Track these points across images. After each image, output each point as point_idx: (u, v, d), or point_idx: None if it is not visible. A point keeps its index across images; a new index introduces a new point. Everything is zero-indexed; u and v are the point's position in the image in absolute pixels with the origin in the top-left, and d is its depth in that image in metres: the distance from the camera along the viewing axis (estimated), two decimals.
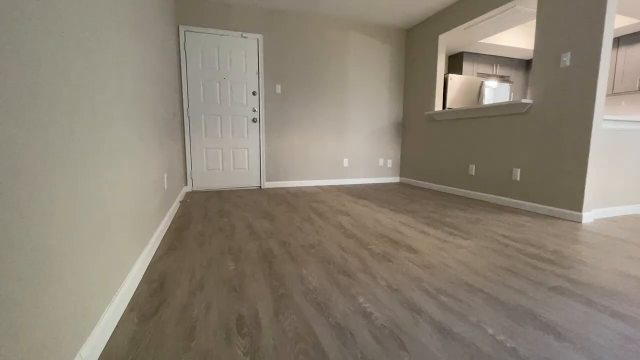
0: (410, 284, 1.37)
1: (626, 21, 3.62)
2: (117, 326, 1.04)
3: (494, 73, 4.91)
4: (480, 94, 4.61)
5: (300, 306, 1.18)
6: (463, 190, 3.62)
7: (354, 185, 4.39)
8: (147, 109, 1.74)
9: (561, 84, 2.57)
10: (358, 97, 4.46)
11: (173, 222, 2.39)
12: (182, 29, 3.57)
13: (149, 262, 1.59)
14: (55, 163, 0.73)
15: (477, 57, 4.81)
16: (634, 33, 3.81)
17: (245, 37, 3.84)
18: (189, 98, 3.71)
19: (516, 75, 5.15)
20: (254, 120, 3.99)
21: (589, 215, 2.48)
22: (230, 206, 2.96)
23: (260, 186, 4.13)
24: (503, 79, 4.95)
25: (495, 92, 5.11)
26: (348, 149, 4.53)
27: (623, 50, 3.92)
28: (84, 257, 0.86)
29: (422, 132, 4.30)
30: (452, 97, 4.45)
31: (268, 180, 4.15)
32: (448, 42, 4.37)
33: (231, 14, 3.75)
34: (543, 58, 2.71)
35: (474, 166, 3.47)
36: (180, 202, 3.08)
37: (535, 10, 3.30)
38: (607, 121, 2.47)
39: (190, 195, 3.56)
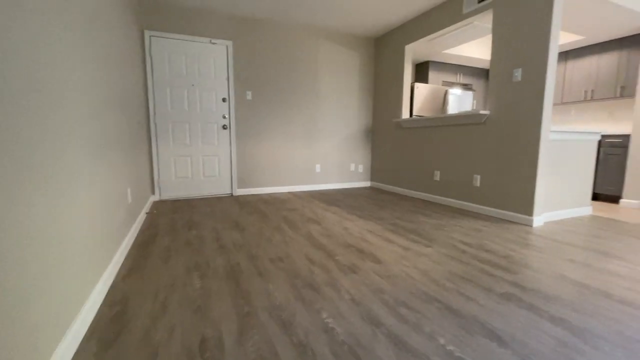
0: (372, 296, 1.43)
1: (572, 37, 3.94)
2: (74, 357, 1.02)
3: (458, 81, 5.16)
4: (445, 101, 4.82)
5: (264, 325, 1.20)
6: (429, 195, 3.78)
7: (326, 191, 4.46)
8: (107, 122, 1.70)
9: (514, 98, 2.77)
10: (329, 103, 4.53)
11: (138, 236, 2.32)
12: (147, 34, 3.47)
13: (111, 282, 1.55)
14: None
15: (443, 66, 5.03)
16: (579, 48, 4.15)
17: (214, 44, 3.79)
18: (156, 105, 3.61)
19: (478, 84, 5.44)
20: (224, 127, 3.94)
21: (539, 219, 2.69)
22: (199, 216, 2.91)
23: (232, 193, 4.10)
24: (466, 87, 5.21)
25: (460, 99, 5.36)
26: (320, 155, 4.59)
27: (571, 64, 4.26)
28: (37, 285, 0.84)
29: (391, 138, 4.44)
30: (419, 104, 4.63)
31: (240, 187, 4.12)
32: (415, 51, 4.54)
33: (199, 20, 3.69)
34: (498, 73, 2.90)
35: (438, 172, 3.64)
36: (146, 213, 3.00)
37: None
38: (554, 132, 2.69)
39: (157, 205, 3.46)
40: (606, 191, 3.71)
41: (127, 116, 2.34)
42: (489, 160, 3.02)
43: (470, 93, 5.20)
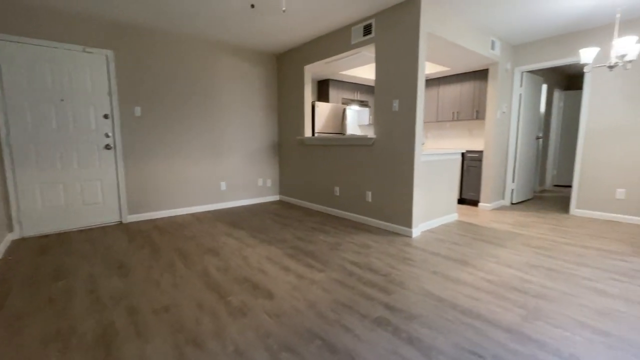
0: (257, 342, 1.46)
1: (442, 68, 4.67)
2: None
3: (356, 98, 5.60)
4: (344, 118, 5.18)
5: None
6: (331, 209, 4.02)
7: (233, 209, 4.33)
8: None
9: (393, 125, 3.14)
10: (233, 118, 4.42)
11: None
12: None
13: None
14: None
15: (342, 84, 5.39)
16: (448, 76, 4.96)
17: (89, 52, 3.31)
18: (10, 124, 2.97)
19: (373, 101, 6.00)
20: (107, 147, 3.48)
21: (417, 230, 3.12)
22: (73, 258, 2.51)
23: (122, 221, 3.65)
24: (363, 103, 5.69)
25: (359, 114, 5.84)
26: (225, 172, 4.43)
27: (442, 89, 5.05)
28: None
29: (296, 154, 4.57)
30: (321, 122, 4.87)
31: (132, 212, 3.70)
32: (315, 70, 4.75)
33: (67, 24, 3.17)
34: (381, 103, 3.26)
35: (338, 188, 3.90)
36: None
37: None
38: (424, 155, 3.15)
39: (17, 245, 2.86)
40: (469, 197, 4.52)
41: None
42: (377, 178, 3.37)
43: (367, 109, 5.69)
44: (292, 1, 2.91)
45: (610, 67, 2.73)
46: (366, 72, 5.08)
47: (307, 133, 4.40)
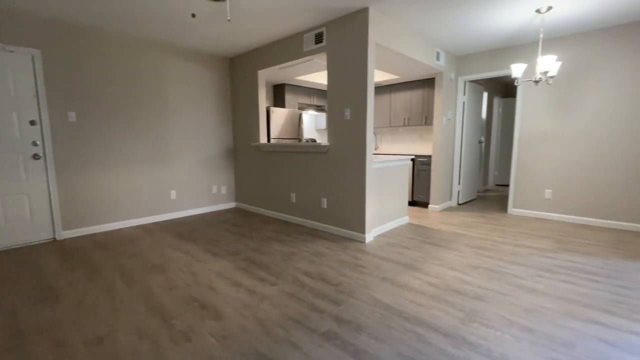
0: None
1: (392, 76, 4.85)
2: None
3: (312, 103, 5.62)
4: (300, 123, 5.18)
5: None
6: (288, 216, 4.00)
7: (185, 219, 4.13)
8: None
9: (346, 132, 3.20)
10: (183, 123, 4.21)
11: None
12: None
13: None
14: None
15: (298, 89, 5.38)
16: (399, 83, 5.15)
17: (10, 52, 2.96)
18: None
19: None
20: (35, 157, 3.14)
21: (370, 235, 3.20)
22: None
23: (55, 237, 3.31)
24: (320, 108, 5.73)
25: (317, 118, 5.86)
26: (176, 179, 4.21)
27: (394, 95, 5.25)
28: None
29: (252, 159, 4.47)
30: (277, 127, 4.82)
31: (68, 228, 3.37)
32: (270, 75, 4.69)
33: None
34: (334, 111, 3.30)
35: (295, 194, 3.88)
36: None
37: None
38: (376, 162, 3.25)
39: None
40: (420, 199, 4.74)
41: None
42: (332, 185, 3.41)
43: (323, 114, 5.74)
44: (241, 8, 2.84)
45: (536, 82, 3.02)
46: (322, 78, 5.12)
47: (263, 139, 4.33)
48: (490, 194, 5.94)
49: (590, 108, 3.61)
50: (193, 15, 1.70)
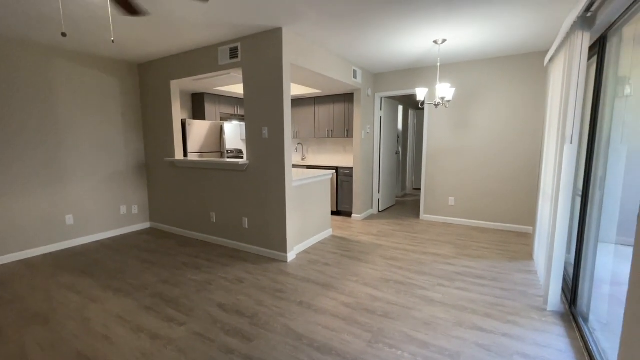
0: None
1: (315, 90, 4.94)
2: None
3: (235, 113, 5.43)
4: (222, 135, 4.96)
5: None
6: (207, 236, 3.79)
7: (86, 247, 3.62)
8: None
9: (265, 151, 3.15)
10: (82, 137, 3.68)
11: None
12: None
13: None
14: None
15: (219, 99, 5.14)
16: (323, 96, 5.28)
17: None
18: None
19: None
20: None
21: (292, 253, 3.21)
22: None
23: None
24: (244, 118, 5.56)
25: (242, 128, 5.67)
26: (73, 201, 3.66)
27: (317, 108, 5.36)
28: None
29: (166, 176, 4.13)
30: (195, 141, 4.54)
31: None
32: (187, 84, 4.39)
33: None
34: (252, 129, 3.22)
35: (214, 214, 3.69)
36: None
37: None
38: (296, 180, 3.26)
39: None
40: (344, 209, 4.93)
41: None
42: (252, 204, 3.32)
43: None
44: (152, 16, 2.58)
45: (436, 105, 3.37)
46: (242, 89, 4.97)
47: (179, 154, 4.03)
48: (407, 198, 6.46)
49: (478, 126, 4.16)
50: (63, 35, 1.46)
